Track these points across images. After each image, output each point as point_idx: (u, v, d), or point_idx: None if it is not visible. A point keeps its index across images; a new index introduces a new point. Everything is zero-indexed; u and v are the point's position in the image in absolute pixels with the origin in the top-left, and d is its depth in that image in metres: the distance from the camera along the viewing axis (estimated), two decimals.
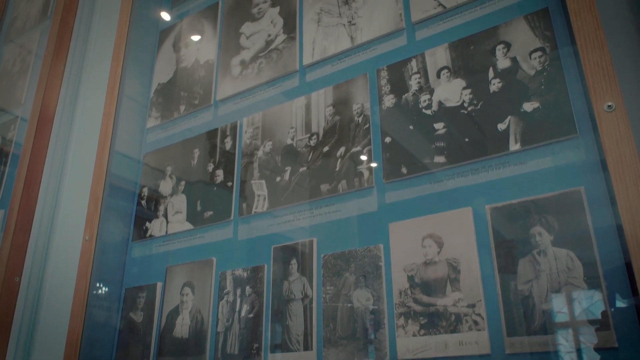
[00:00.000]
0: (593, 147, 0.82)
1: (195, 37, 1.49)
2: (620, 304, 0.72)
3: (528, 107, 0.90)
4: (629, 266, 0.71)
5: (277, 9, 1.34)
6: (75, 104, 1.75)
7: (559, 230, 0.81)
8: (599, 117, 0.76)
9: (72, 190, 1.52)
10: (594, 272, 0.75)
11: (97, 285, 1.31)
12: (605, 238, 0.76)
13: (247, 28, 1.38)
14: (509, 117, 0.91)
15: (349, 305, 0.97)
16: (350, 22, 1.18)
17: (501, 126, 0.92)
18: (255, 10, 1.38)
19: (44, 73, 1.88)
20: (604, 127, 0.75)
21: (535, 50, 0.92)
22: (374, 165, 1.04)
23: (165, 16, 1.63)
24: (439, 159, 0.96)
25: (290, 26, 1.28)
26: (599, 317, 0.73)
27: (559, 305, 0.77)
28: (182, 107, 1.42)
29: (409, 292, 0.91)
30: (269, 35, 1.32)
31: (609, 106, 0.75)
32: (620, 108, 0.74)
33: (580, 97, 0.85)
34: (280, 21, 1.31)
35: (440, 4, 1.07)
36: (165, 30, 1.60)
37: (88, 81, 1.73)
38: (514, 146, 0.89)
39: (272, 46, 1.30)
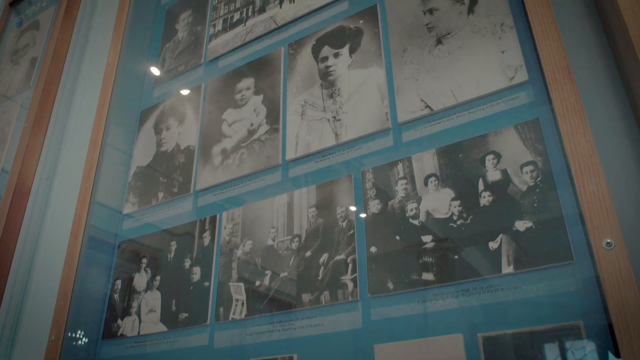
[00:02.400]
0: (591, 277, 0.76)
1: (177, 121, 1.45)
2: None
3: (520, 226, 0.85)
4: None
5: (261, 97, 1.30)
6: (53, 178, 1.69)
7: None
8: (597, 254, 0.70)
9: (41, 280, 1.44)
10: None
11: None
12: None
13: (229, 115, 1.34)
14: (501, 236, 0.86)
15: None
16: (334, 117, 1.14)
17: (492, 245, 0.86)
18: (238, 97, 1.35)
19: (22, 144, 1.83)
20: (603, 265, 0.69)
21: (527, 164, 0.88)
22: (358, 277, 0.97)
23: (147, 95, 1.59)
24: (427, 276, 0.90)
25: (274, 117, 1.24)
26: None
27: None
28: (161, 195, 1.36)
29: None
30: (252, 125, 1.28)
31: (608, 243, 0.70)
32: (620, 246, 0.69)
33: (576, 219, 0.80)
34: (263, 110, 1.27)
35: (427, 106, 1.03)
36: (147, 110, 1.55)
37: (67, 155, 1.68)
38: (507, 268, 0.83)
39: (255, 136, 1.25)
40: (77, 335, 1.26)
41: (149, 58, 1.67)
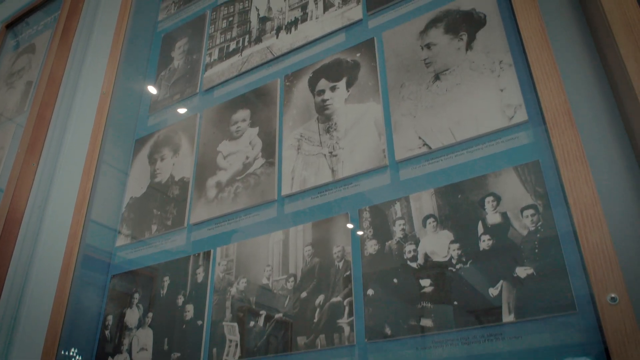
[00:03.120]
0: (595, 328, 0.74)
1: (171, 151, 1.43)
2: None
3: (521, 272, 0.83)
4: None
5: (257, 129, 1.28)
6: (45, 207, 1.67)
7: None
8: (601, 309, 0.68)
9: (31, 316, 1.41)
10: None
11: None
12: None
13: (224, 147, 1.32)
14: (501, 282, 0.84)
15: None
16: (331, 152, 1.13)
17: (493, 291, 0.84)
18: (234, 128, 1.33)
19: (15, 170, 1.80)
20: (607, 321, 0.67)
21: (527, 208, 0.86)
22: (355, 320, 0.95)
23: (142, 123, 1.57)
24: (426, 322, 0.88)
25: (270, 150, 1.23)
26: None
27: None
28: (154, 227, 1.34)
29: None
30: (247, 158, 1.26)
31: (612, 298, 0.67)
32: (625, 302, 0.66)
33: (579, 268, 0.77)
34: (259, 143, 1.26)
35: (425, 144, 1.01)
36: (141, 139, 1.54)
37: (60, 184, 1.65)
38: (508, 317, 0.81)
39: (250, 170, 1.23)
40: None
41: (145, 85, 1.65)
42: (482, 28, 1.05)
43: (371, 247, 0.99)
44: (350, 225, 1.03)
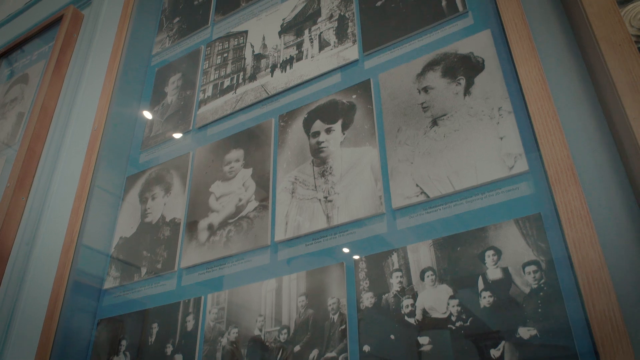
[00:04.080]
0: None
1: (163, 190, 1.40)
2: None
3: (524, 333, 0.79)
4: None
5: (250, 170, 1.25)
6: (34, 244, 1.62)
7: None
8: None
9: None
10: None
11: None
12: None
13: (217, 188, 1.29)
14: (503, 343, 0.80)
15: None
16: (326, 197, 1.09)
17: (495, 353, 0.80)
18: (227, 169, 1.30)
19: (4, 203, 1.76)
20: None
21: (529, 264, 0.83)
22: None
23: (134, 160, 1.54)
24: None
25: (263, 193, 1.19)
26: None
27: None
28: (144, 270, 1.30)
29: None
30: (240, 200, 1.22)
31: None
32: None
33: (585, 332, 0.74)
34: (252, 185, 1.22)
35: (423, 192, 0.98)
36: (133, 176, 1.50)
37: (50, 220, 1.61)
38: None
39: (243, 213, 1.20)
40: None
41: (137, 121, 1.63)
42: (481, 73, 1.03)
43: (367, 299, 0.95)
44: (345, 276, 0.99)
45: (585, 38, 0.85)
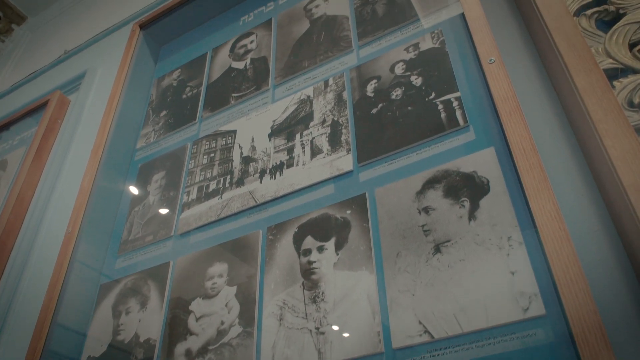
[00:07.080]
0: None
1: (138, 304, 1.27)
2: None
3: None
4: None
5: (234, 289, 1.14)
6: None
7: None
8: None
9: None
10: None
11: None
12: None
13: (197, 306, 1.17)
14: None
15: None
16: (317, 329, 0.98)
17: None
18: (209, 284, 1.19)
19: None
20: None
21: None
22: None
23: (109, 266, 1.42)
24: None
25: (248, 317, 1.08)
26: None
27: None
28: None
29: None
30: (222, 323, 1.11)
31: None
32: None
33: None
34: (236, 306, 1.11)
35: (426, 331, 0.88)
36: (107, 284, 1.38)
37: (13, 328, 1.47)
38: None
39: (225, 339, 1.08)
40: None
41: (115, 221, 1.52)
42: (486, 195, 0.95)
43: None
44: None
45: (608, 182, 0.79)
